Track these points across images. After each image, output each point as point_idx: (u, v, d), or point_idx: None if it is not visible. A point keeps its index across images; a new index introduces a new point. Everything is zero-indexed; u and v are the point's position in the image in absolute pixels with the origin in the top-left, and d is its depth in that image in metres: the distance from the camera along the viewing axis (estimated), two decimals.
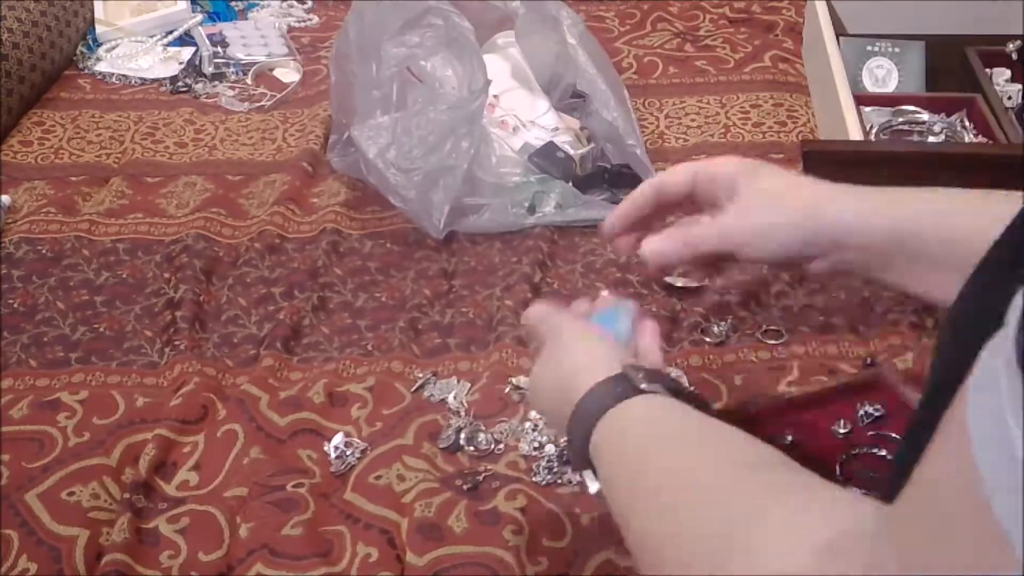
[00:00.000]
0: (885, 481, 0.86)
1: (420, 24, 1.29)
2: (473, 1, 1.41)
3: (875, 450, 0.90)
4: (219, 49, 1.75)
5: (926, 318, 1.12)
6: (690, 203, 0.73)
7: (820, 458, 0.90)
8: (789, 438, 0.93)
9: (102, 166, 1.49)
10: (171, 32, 1.79)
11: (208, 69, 1.70)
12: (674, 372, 1.05)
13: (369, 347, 1.13)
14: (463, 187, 1.27)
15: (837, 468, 0.89)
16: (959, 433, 0.32)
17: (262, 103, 1.62)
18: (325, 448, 1.00)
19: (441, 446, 1.00)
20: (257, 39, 1.78)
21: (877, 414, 0.93)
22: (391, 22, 1.29)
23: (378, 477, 0.96)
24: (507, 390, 1.05)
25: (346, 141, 1.37)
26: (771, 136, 1.47)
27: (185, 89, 1.67)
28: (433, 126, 1.26)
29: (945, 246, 0.62)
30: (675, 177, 0.73)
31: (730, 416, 0.95)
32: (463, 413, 1.03)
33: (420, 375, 1.08)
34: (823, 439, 0.93)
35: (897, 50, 1.51)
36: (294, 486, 0.96)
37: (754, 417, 0.95)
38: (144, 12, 1.81)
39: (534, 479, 0.96)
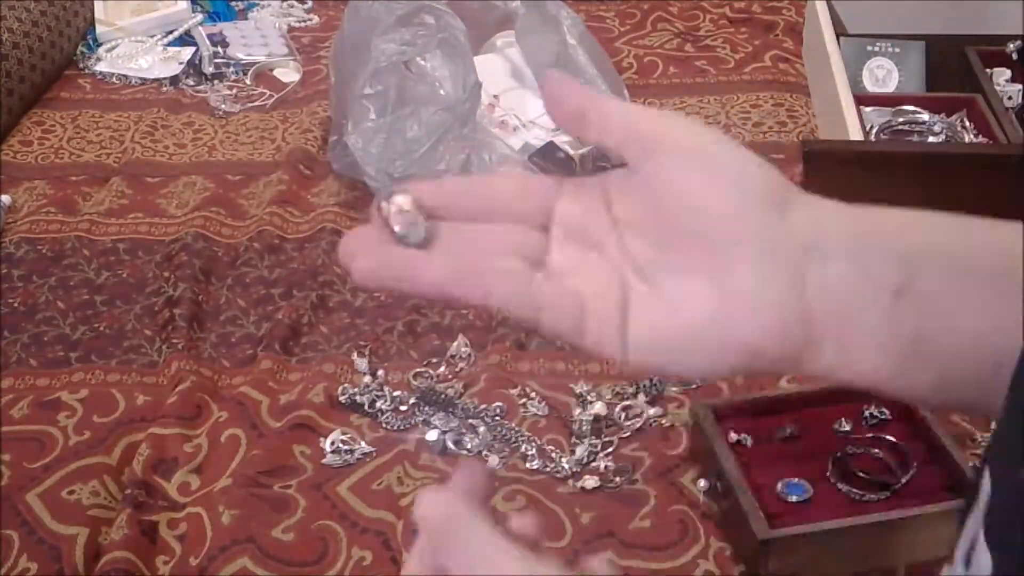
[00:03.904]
0: (874, 482, 0.87)
1: (412, 22, 1.29)
2: (473, 1, 1.41)
3: (871, 451, 0.90)
4: (219, 49, 1.75)
5: None
6: None
7: (815, 453, 0.90)
8: (788, 431, 0.93)
9: (102, 166, 1.49)
10: (171, 32, 1.79)
11: (208, 69, 1.69)
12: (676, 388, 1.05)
13: (367, 351, 1.13)
14: None
15: (830, 464, 0.89)
16: None
17: (262, 103, 1.62)
18: (321, 444, 1.00)
19: (428, 447, 1.00)
20: (257, 39, 1.78)
21: (882, 417, 0.94)
22: (384, 19, 1.29)
23: (380, 483, 0.96)
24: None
25: (345, 142, 1.37)
26: (771, 136, 1.47)
27: (185, 89, 1.67)
28: (426, 128, 1.26)
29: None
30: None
31: (730, 407, 0.95)
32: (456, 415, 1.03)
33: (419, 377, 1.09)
34: (823, 435, 0.93)
35: (897, 50, 1.51)
36: (283, 486, 0.96)
37: (755, 408, 0.95)
38: (144, 12, 1.81)
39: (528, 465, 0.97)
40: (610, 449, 0.99)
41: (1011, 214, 0.40)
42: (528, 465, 0.97)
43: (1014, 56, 1.45)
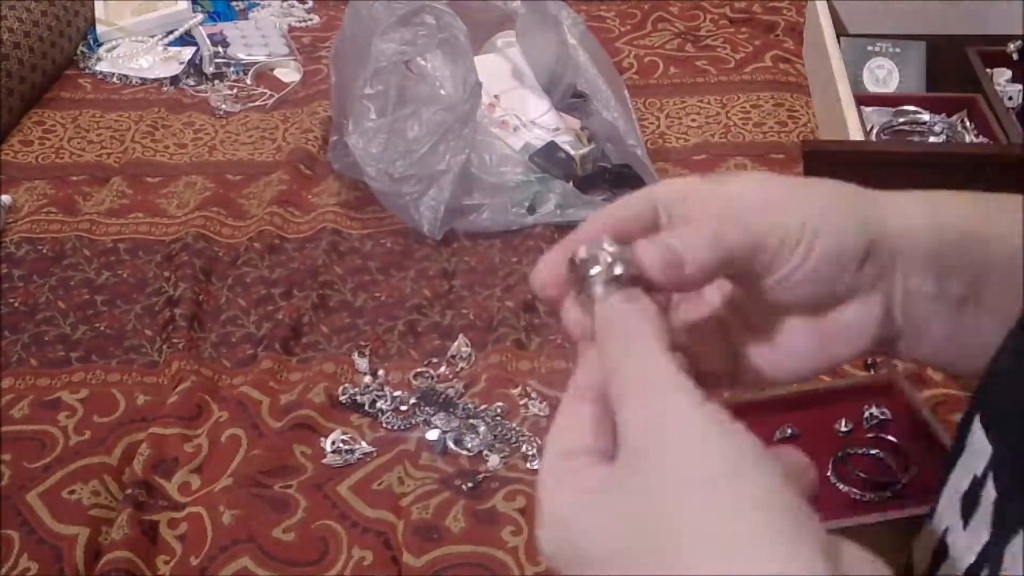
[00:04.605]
0: (874, 482, 0.87)
1: (413, 22, 1.29)
2: (474, 1, 1.41)
3: (871, 451, 0.90)
4: (220, 49, 1.75)
5: None
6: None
7: (815, 453, 0.90)
8: (788, 431, 0.93)
9: (103, 166, 1.49)
10: (171, 32, 1.79)
11: (209, 69, 1.70)
12: None
13: (367, 351, 1.13)
14: (462, 187, 1.28)
15: (830, 464, 0.89)
16: None
17: (262, 103, 1.63)
18: (321, 443, 1.00)
19: (429, 446, 1.00)
20: (258, 39, 1.78)
21: (882, 417, 0.93)
22: (384, 19, 1.29)
23: (380, 483, 0.96)
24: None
25: (346, 142, 1.37)
26: (772, 136, 1.47)
27: (186, 89, 1.67)
28: (426, 128, 1.26)
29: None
30: (622, 207, 0.41)
31: (731, 405, 0.95)
32: (456, 414, 1.03)
33: (419, 377, 1.09)
34: (823, 435, 0.93)
35: (898, 50, 1.51)
36: (284, 486, 0.96)
37: (755, 408, 0.95)
38: (145, 12, 1.81)
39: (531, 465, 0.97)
40: None
41: None
42: (529, 465, 0.97)
43: (1015, 56, 1.45)
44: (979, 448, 0.37)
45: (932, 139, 1.32)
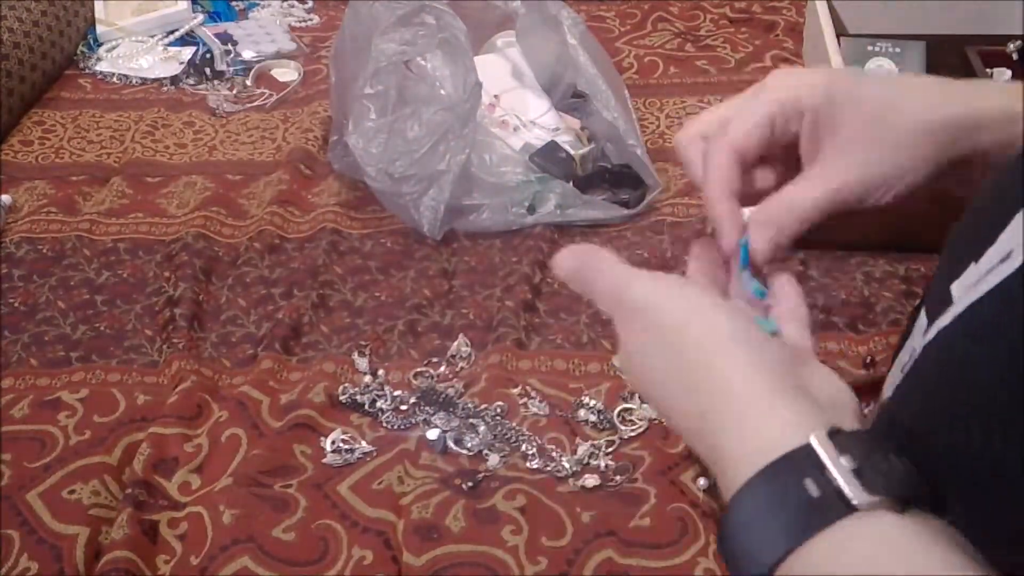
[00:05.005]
0: None
1: (413, 21, 1.29)
2: (474, 1, 1.41)
3: None
4: (231, 47, 1.75)
5: None
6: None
7: None
8: None
9: (103, 166, 1.49)
10: (172, 32, 1.79)
11: (221, 67, 1.70)
12: None
13: (367, 351, 1.13)
14: (462, 187, 1.28)
15: None
16: None
17: (262, 103, 1.63)
18: (321, 443, 1.00)
19: (429, 445, 1.00)
20: (263, 36, 1.78)
21: None
22: (385, 19, 1.29)
23: (380, 483, 0.96)
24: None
25: (346, 142, 1.37)
26: None
27: (186, 88, 1.67)
28: (426, 128, 1.26)
29: None
30: (746, 128, 0.52)
31: None
32: (456, 414, 1.03)
33: (420, 377, 1.09)
34: None
35: (898, 50, 1.51)
36: (284, 485, 0.96)
37: None
38: (145, 12, 1.81)
39: (529, 465, 0.97)
40: (611, 448, 0.99)
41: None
42: (528, 464, 0.97)
43: (1015, 56, 1.45)
44: (920, 326, 0.45)
45: None
